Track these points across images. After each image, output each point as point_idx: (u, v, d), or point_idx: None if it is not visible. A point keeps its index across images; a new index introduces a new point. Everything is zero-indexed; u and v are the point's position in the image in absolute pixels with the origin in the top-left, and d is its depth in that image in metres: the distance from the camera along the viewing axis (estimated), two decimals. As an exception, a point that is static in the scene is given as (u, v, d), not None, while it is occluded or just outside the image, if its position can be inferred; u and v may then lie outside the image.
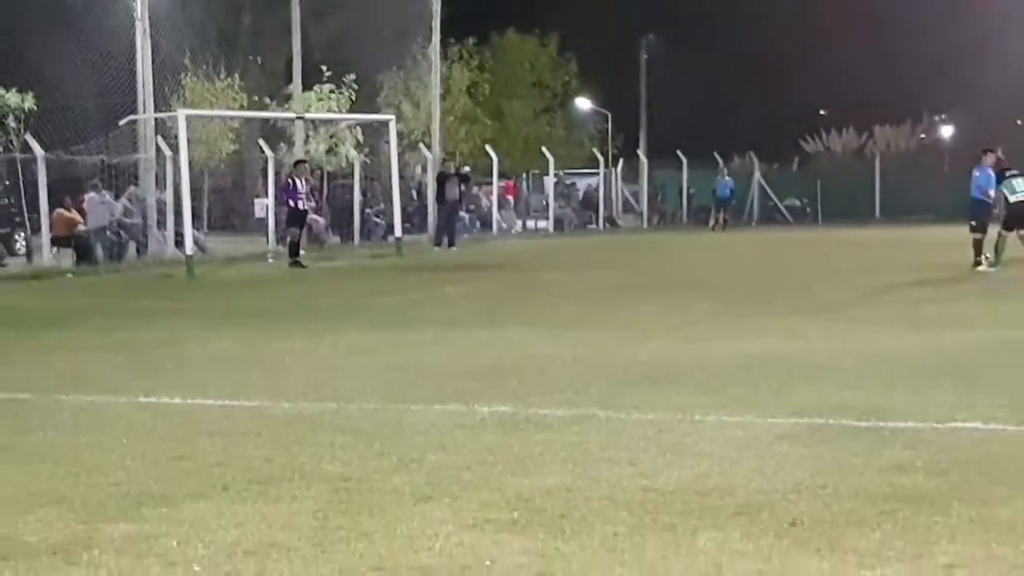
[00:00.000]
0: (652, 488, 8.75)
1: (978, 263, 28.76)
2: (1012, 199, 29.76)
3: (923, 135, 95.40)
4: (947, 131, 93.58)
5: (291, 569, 7.16)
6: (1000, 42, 73.06)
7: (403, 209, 43.94)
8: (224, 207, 53.84)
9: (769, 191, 68.93)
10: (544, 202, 59.99)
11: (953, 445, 10.02)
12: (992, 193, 30.01)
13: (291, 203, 34.88)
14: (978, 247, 29.05)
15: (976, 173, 30.08)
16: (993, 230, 29.73)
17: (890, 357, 15.02)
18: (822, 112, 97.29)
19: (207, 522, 8.10)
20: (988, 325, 18.24)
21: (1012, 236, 29.52)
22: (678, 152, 64.04)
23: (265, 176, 43.23)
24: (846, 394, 12.34)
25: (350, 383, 13.70)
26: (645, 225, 62.74)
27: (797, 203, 69.49)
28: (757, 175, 68.90)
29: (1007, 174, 30.22)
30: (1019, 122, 72.92)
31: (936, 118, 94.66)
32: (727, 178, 61.20)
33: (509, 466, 9.50)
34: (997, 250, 29.44)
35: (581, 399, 12.26)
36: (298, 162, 37.94)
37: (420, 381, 13.74)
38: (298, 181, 35.03)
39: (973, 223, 29.37)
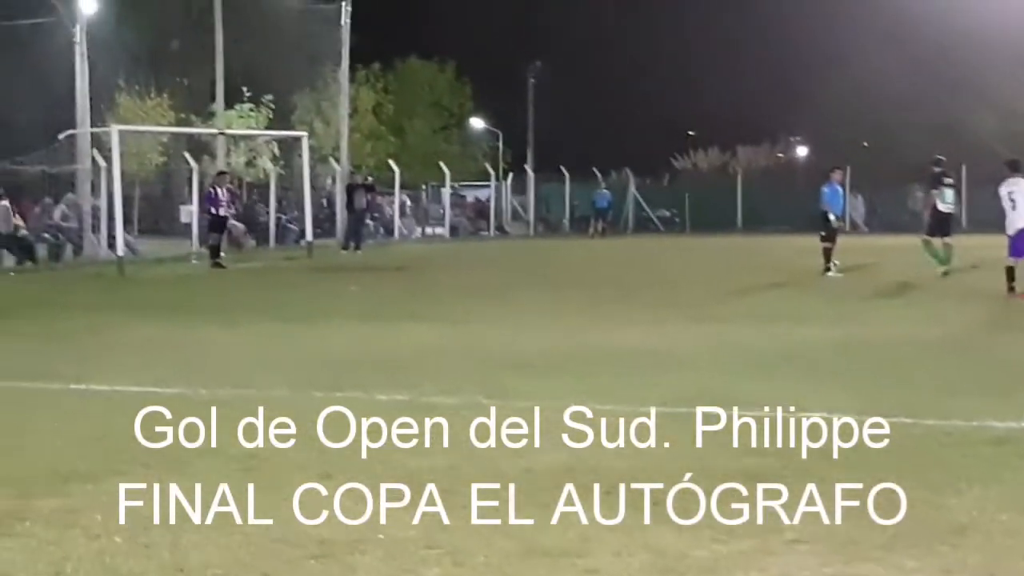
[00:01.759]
0: (528, 468, 8.72)
1: (827, 269, 28.67)
2: (941, 207, 28.39)
3: (780, 154, 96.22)
4: (801, 151, 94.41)
5: (202, 540, 7.07)
6: (848, 71, 73.78)
7: (314, 216, 43.76)
8: (153, 213, 53.37)
9: (643, 203, 69.19)
10: (441, 211, 59.89)
11: (801, 431, 10.05)
12: (833, 215, 29.43)
13: (212, 210, 34.68)
14: (827, 255, 28.99)
15: (825, 189, 29.86)
16: (841, 239, 29.83)
17: (744, 350, 15.09)
18: (690, 133, 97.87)
19: (128, 497, 7.98)
20: (831, 323, 18.32)
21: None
22: (562, 167, 64.16)
23: (190, 185, 42.85)
24: (705, 383, 12.36)
25: (261, 371, 13.58)
26: (531, 232, 62.78)
27: (667, 214, 69.78)
28: (632, 188, 69.14)
29: (944, 181, 28.68)
30: (865, 144, 73.59)
31: (791, 139, 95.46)
32: (605, 190, 61.38)
33: (402, 448, 9.44)
34: (938, 257, 28.19)
35: (468, 387, 12.20)
36: (219, 173, 37.80)
37: (324, 370, 13.64)
38: (219, 190, 34.85)
39: (823, 233, 29.30)
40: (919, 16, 65.63)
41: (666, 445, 9.49)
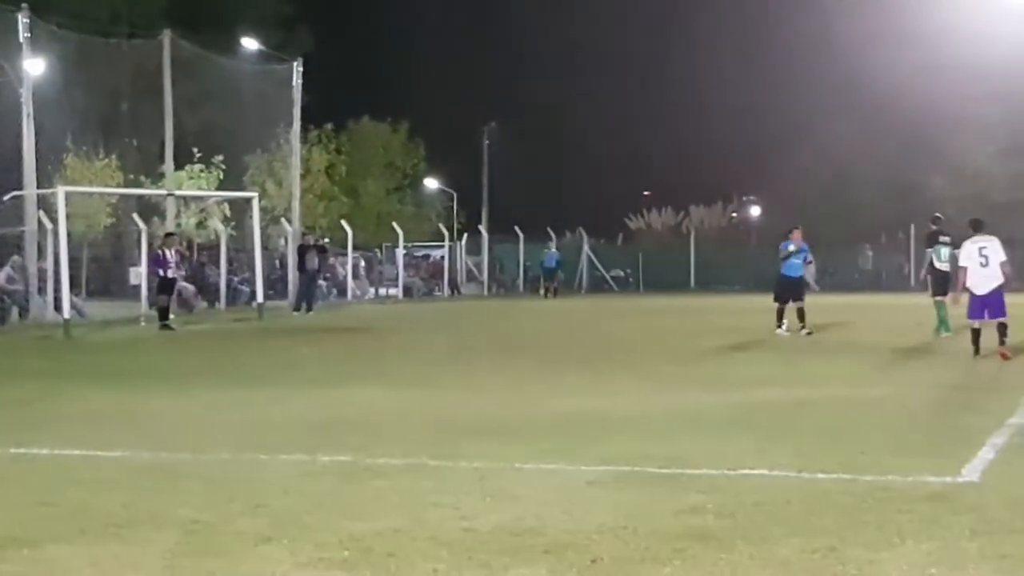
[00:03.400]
0: (472, 529, 8.78)
1: (779, 326, 28.58)
2: (938, 265, 27.69)
3: (733, 214, 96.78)
4: (754, 211, 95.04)
5: (139, 605, 7.10)
6: (801, 133, 74.50)
7: (266, 277, 43.69)
8: (102, 275, 53.14)
9: (597, 263, 69.50)
10: (395, 272, 59.93)
11: (742, 490, 10.14)
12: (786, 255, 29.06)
13: (160, 272, 34.56)
14: (780, 316, 28.85)
15: (780, 247, 29.69)
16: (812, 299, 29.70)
17: (692, 411, 15.18)
18: (644, 193, 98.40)
19: (65, 562, 8.01)
20: (779, 384, 18.39)
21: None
22: (516, 228, 64.42)
23: (139, 247, 42.74)
24: (651, 444, 12.44)
25: (206, 435, 13.58)
26: (486, 293, 62.91)
27: (621, 273, 70.15)
28: (586, 248, 69.45)
29: (940, 239, 27.96)
30: (812, 206, 73.90)
31: (744, 199, 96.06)
32: (554, 250, 61.56)
33: (345, 510, 9.48)
34: (940, 317, 27.21)
35: (414, 449, 12.24)
36: (167, 235, 37.72)
37: (270, 433, 13.65)
38: (167, 252, 34.72)
39: (775, 293, 29.26)
40: (870, 80, 66.40)
41: (608, 505, 9.57)
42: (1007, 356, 21.52)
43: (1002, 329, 21.95)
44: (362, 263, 59.01)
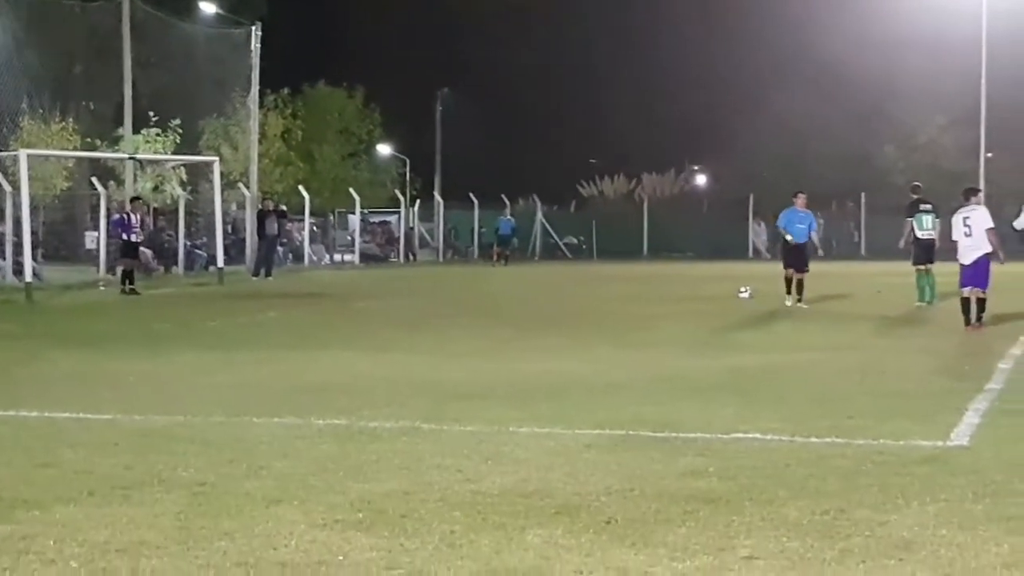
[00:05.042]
0: (480, 491, 8.84)
1: (798, 300, 27.46)
2: (920, 234, 27.13)
3: (684, 182, 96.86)
4: (700, 179, 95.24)
5: (161, 565, 7.12)
6: (752, 102, 74.69)
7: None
8: (56, 239, 52.77)
9: (550, 229, 69.51)
10: (350, 237, 59.82)
11: (738, 453, 10.23)
12: (791, 235, 27.88)
13: (124, 236, 34.27)
14: (788, 284, 27.62)
15: (779, 221, 28.76)
16: (751, 266, 29.81)
17: (675, 376, 15.26)
18: (592, 160, 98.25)
19: (78, 523, 8.01)
20: (755, 350, 18.52)
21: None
22: (471, 194, 64.32)
23: (96, 211, 42.49)
24: (640, 408, 12.51)
25: (193, 398, 13.56)
26: (440, 259, 62.88)
27: (575, 241, 70.20)
28: (540, 215, 69.44)
29: (920, 207, 27.36)
30: (765, 174, 74.19)
31: (695, 167, 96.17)
32: (509, 217, 61.46)
33: (349, 472, 9.52)
34: (929, 286, 26.73)
35: (406, 413, 12.28)
36: (134, 199, 37.56)
37: (257, 397, 13.64)
38: (133, 216, 34.49)
39: (783, 259, 28.35)
40: (823, 51, 66.63)
41: (610, 468, 9.63)
42: (977, 327, 21.35)
43: (979, 304, 21.57)
44: (316, 229, 58.88)
